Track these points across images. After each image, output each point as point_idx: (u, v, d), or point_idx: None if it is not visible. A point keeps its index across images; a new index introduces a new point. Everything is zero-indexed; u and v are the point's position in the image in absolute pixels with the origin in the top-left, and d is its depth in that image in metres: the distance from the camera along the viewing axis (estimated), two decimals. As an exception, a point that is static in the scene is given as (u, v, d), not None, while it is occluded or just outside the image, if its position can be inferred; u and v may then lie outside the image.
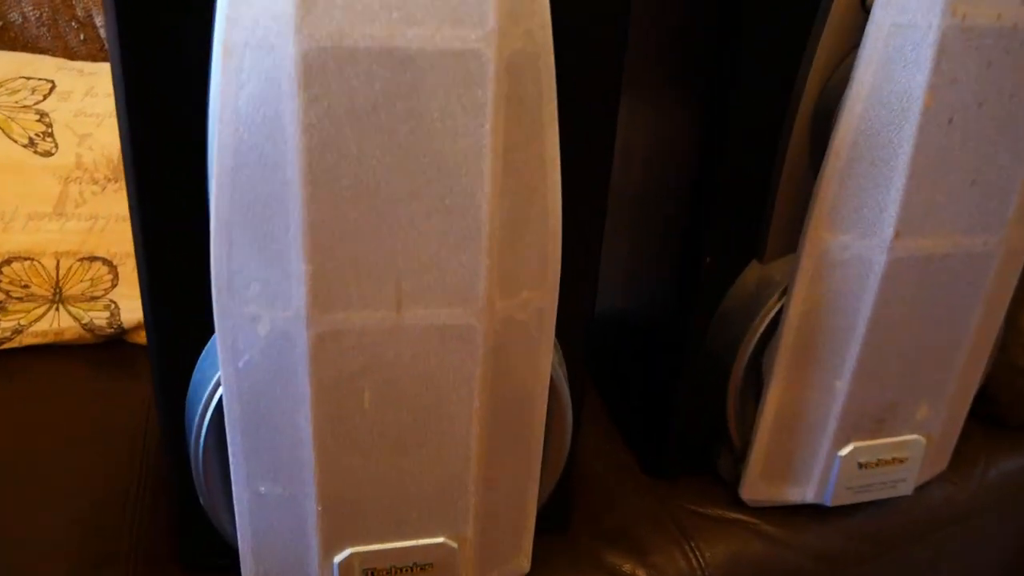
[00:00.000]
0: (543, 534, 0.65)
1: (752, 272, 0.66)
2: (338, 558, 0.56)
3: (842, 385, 0.64)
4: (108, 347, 0.89)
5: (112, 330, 0.88)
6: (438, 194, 0.47)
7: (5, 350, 0.87)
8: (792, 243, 0.63)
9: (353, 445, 0.53)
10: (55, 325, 0.87)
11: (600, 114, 0.55)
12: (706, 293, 0.67)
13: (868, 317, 0.61)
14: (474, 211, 0.48)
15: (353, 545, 0.56)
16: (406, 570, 0.58)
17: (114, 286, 0.89)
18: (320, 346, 0.49)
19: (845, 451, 0.67)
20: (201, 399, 0.54)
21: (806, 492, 0.70)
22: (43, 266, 0.87)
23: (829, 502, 0.70)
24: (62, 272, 0.88)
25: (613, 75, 0.54)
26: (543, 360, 0.55)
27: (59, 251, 0.87)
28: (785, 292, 0.63)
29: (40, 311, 0.87)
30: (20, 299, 0.87)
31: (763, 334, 0.65)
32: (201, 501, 0.58)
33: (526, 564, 0.64)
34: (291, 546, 0.56)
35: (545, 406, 0.57)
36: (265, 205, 0.46)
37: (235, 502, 0.55)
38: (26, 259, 0.87)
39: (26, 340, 0.87)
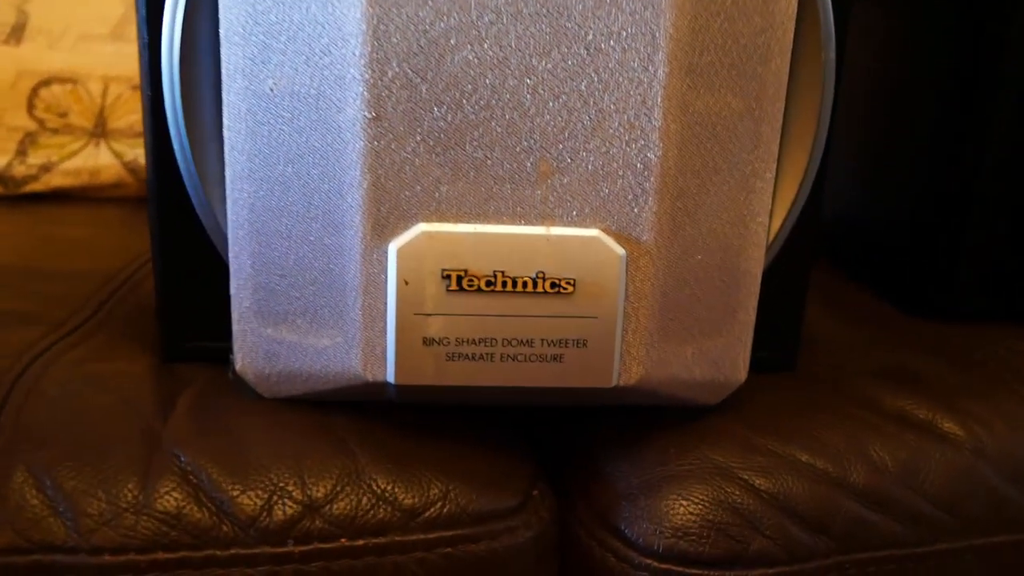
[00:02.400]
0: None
1: None
2: (398, 241, 0.30)
3: None
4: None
5: (159, 171, 0.68)
6: None
7: (28, 194, 0.67)
8: None
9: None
10: (91, 162, 0.68)
11: None
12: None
13: None
14: None
15: (429, 218, 0.30)
16: (525, 285, 0.30)
17: (170, 122, 0.70)
18: None
19: None
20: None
21: None
22: (87, 91, 0.69)
23: None
24: (109, 100, 0.69)
25: None
26: None
27: (109, 75, 0.69)
28: None
29: (77, 145, 0.69)
30: (55, 131, 0.68)
31: None
32: (177, 158, 0.34)
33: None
34: (314, 212, 0.30)
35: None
36: None
37: (226, 129, 0.30)
38: (68, 81, 0.69)
39: (55, 180, 0.67)
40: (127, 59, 0.69)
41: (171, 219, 0.35)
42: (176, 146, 0.33)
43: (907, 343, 0.44)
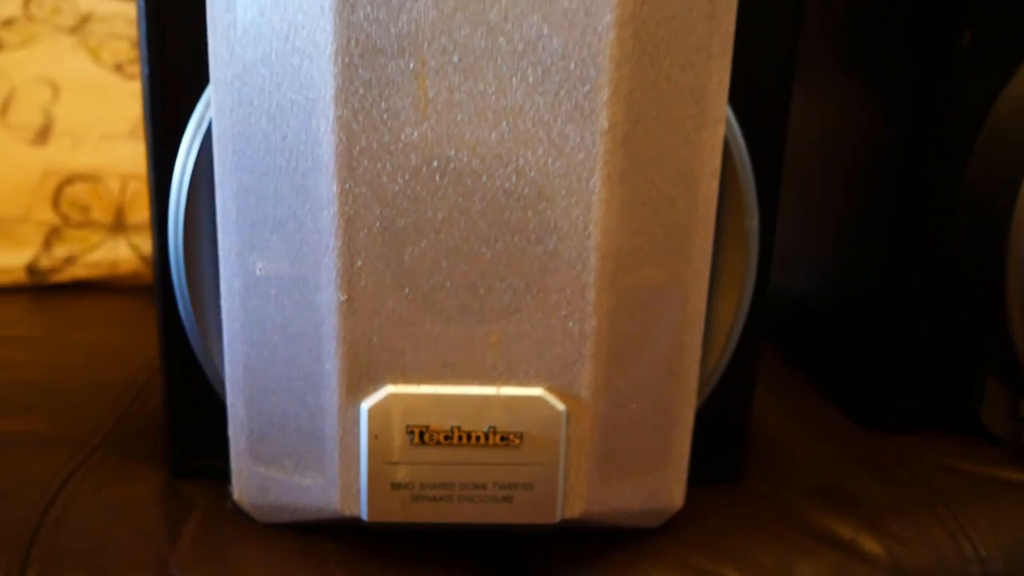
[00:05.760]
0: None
1: (1040, 61, 0.43)
2: (369, 401, 0.35)
3: None
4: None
5: (173, 264, 0.73)
6: None
7: (53, 284, 0.73)
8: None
9: (397, 176, 0.32)
10: (111, 255, 0.73)
11: None
12: (964, 102, 0.44)
13: None
14: None
15: (395, 381, 0.35)
16: (479, 438, 0.35)
17: (183, 216, 0.75)
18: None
19: None
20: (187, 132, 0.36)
21: None
22: (107, 188, 0.74)
23: None
24: (127, 196, 0.75)
25: None
26: (715, 73, 0.34)
27: (127, 173, 0.75)
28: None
29: (97, 239, 0.74)
30: (78, 226, 0.74)
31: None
32: (181, 314, 0.39)
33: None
34: (298, 374, 0.35)
35: (720, 149, 0.35)
36: None
37: (223, 300, 0.35)
38: (90, 179, 0.75)
39: (78, 272, 0.73)
40: (143, 157, 0.75)
41: (177, 360, 0.41)
42: (180, 304, 0.38)
43: (847, 456, 0.48)
